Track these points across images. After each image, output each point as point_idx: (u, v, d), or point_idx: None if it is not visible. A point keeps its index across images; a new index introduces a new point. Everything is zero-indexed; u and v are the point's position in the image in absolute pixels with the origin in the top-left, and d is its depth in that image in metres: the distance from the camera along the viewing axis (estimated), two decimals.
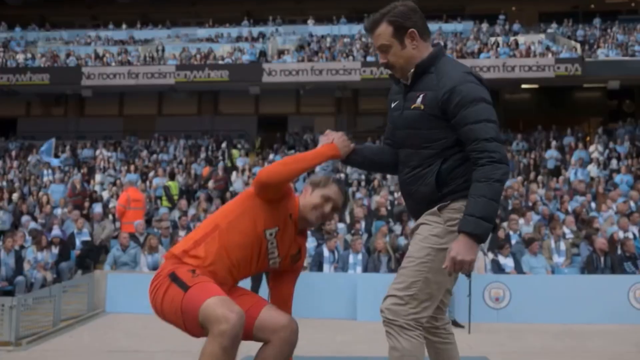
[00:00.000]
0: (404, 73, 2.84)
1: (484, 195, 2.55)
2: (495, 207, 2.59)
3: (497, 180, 2.56)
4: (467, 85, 2.67)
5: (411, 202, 2.89)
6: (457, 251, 2.56)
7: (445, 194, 2.71)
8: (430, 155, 2.73)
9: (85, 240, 12.00)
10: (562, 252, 10.39)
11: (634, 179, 16.11)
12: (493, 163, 2.57)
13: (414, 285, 2.68)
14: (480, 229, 2.56)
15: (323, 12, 28.59)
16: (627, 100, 26.64)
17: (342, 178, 12.91)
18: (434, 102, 2.70)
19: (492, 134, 2.62)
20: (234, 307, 2.63)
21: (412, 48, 2.78)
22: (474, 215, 2.55)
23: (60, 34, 28.41)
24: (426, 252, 2.70)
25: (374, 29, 2.82)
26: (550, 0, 28.85)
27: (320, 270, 9.88)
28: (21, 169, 20.26)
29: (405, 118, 2.82)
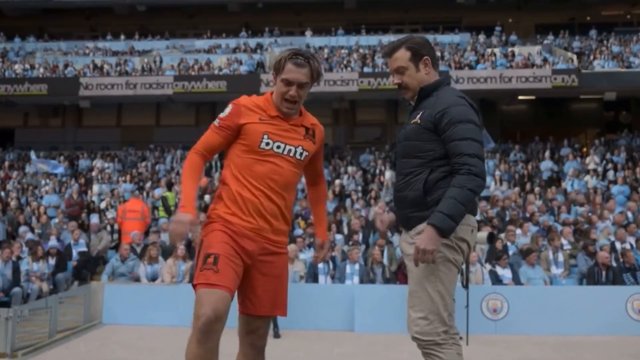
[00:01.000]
0: (413, 93, 3.19)
1: (455, 197, 2.86)
2: (462, 211, 2.88)
3: (469, 189, 2.87)
4: (458, 107, 3.00)
5: (399, 208, 3.18)
6: (421, 241, 2.87)
7: (428, 202, 2.98)
8: (420, 164, 3.04)
9: (82, 251, 11.96)
10: (560, 264, 10.38)
11: (630, 189, 16.15)
12: (470, 174, 2.88)
13: (432, 303, 2.95)
14: (445, 225, 2.85)
15: (320, 24, 28.73)
16: (623, 111, 26.76)
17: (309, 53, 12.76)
18: (428, 118, 3.03)
19: (475, 151, 2.92)
20: (213, 304, 2.77)
21: (425, 73, 3.15)
22: (442, 212, 2.85)
23: (58, 45, 28.50)
24: (431, 270, 2.96)
25: (393, 53, 3.17)
26: (546, 12, 29.03)
27: (315, 282, 9.85)
28: (19, 180, 20.23)
29: (406, 132, 3.18)
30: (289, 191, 3.13)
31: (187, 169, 3.12)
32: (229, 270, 2.88)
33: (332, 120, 26.44)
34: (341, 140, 25.35)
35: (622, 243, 10.92)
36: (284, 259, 3.20)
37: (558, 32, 26.56)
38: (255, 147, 3.04)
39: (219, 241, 2.95)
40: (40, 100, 24.67)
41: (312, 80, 3.11)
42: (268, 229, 3.06)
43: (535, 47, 24.89)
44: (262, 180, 3.02)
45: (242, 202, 3.03)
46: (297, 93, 3.06)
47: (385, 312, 8.91)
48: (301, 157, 3.12)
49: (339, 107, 25.30)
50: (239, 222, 3.02)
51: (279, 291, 3.18)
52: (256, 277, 3.07)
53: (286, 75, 3.04)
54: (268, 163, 3.03)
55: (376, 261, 10.04)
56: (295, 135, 3.12)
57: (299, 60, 3.05)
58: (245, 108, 3.10)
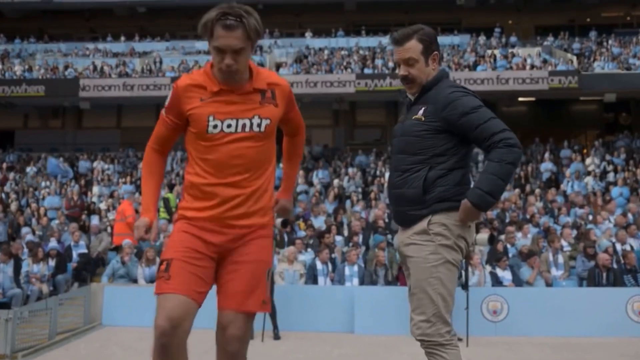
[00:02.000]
0: (419, 88, 3.13)
1: (494, 173, 2.85)
2: (502, 186, 2.89)
3: (509, 162, 2.85)
4: (464, 98, 2.98)
5: (395, 205, 3.13)
6: (460, 215, 2.93)
7: (426, 200, 2.97)
8: (419, 161, 3.00)
9: (82, 253, 11.96)
10: (560, 265, 10.37)
11: (630, 191, 16.16)
12: (508, 147, 2.85)
13: (433, 305, 2.93)
14: (484, 202, 2.88)
15: (320, 25, 28.75)
16: (623, 113, 26.76)
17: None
18: (434, 114, 3.00)
19: (503, 125, 2.91)
20: (167, 313, 2.54)
21: (432, 68, 3.12)
22: (482, 190, 2.86)
23: (58, 46, 28.50)
24: (430, 272, 2.95)
25: (405, 42, 3.08)
26: (546, 14, 29.04)
27: (315, 283, 9.85)
28: (18, 181, 20.24)
29: (405, 127, 3.12)
30: (259, 168, 2.73)
31: (144, 168, 2.91)
32: (183, 273, 2.61)
33: (332, 122, 26.44)
34: (341, 142, 25.35)
35: (623, 244, 10.93)
36: (261, 243, 2.77)
37: (558, 34, 26.57)
38: (203, 133, 2.65)
39: (174, 244, 2.70)
40: (40, 102, 24.66)
41: (250, 41, 2.60)
42: (235, 216, 2.70)
43: (535, 48, 24.90)
44: (219, 168, 2.66)
45: (201, 194, 2.71)
46: (234, 60, 2.59)
47: (385, 313, 8.91)
48: (260, 127, 2.69)
49: (338, 109, 25.30)
50: (200, 215, 2.70)
51: (254, 281, 2.72)
52: (227, 268, 2.73)
53: (216, 42, 2.58)
54: (222, 146, 2.65)
55: (380, 263, 10.04)
56: (248, 105, 2.68)
57: (229, 21, 2.55)
58: (184, 91, 2.69)
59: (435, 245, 2.96)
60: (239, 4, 2.67)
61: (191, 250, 2.66)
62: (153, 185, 2.88)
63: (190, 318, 2.61)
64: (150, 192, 2.86)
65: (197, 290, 2.63)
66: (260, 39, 2.82)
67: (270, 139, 2.77)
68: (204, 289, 2.68)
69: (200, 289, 2.65)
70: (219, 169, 2.67)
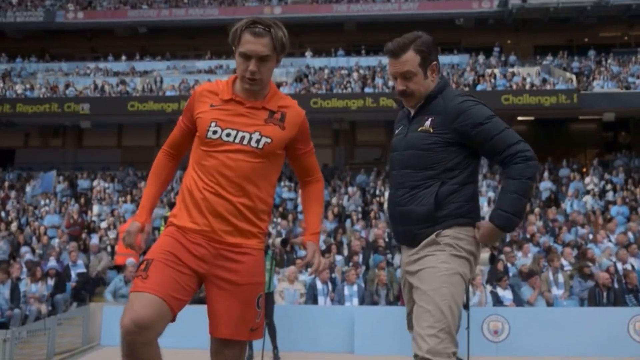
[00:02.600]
0: (416, 102, 2.95)
1: (516, 192, 2.73)
2: (525, 203, 2.77)
3: (529, 177, 2.73)
4: (475, 107, 2.83)
5: (401, 224, 2.91)
6: (481, 233, 2.81)
7: (438, 217, 2.79)
8: (429, 177, 2.82)
9: (81, 272, 11.91)
10: (561, 284, 10.33)
11: (629, 210, 16.15)
12: (526, 161, 2.74)
13: (443, 319, 2.69)
14: (510, 224, 2.77)
15: (320, 45, 28.95)
16: (622, 131, 26.84)
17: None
18: (443, 125, 2.83)
19: (518, 137, 2.80)
20: (134, 312, 2.43)
21: (432, 80, 2.93)
22: (507, 212, 2.75)
23: (59, 66, 28.67)
24: (441, 283, 2.73)
25: (401, 54, 2.89)
26: (544, 34, 29.25)
27: (315, 303, 9.80)
28: (19, 200, 20.23)
29: (408, 140, 2.91)
30: (252, 185, 2.65)
31: (151, 170, 2.89)
32: (160, 273, 2.52)
33: (332, 141, 26.51)
34: (341, 161, 25.39)
35: (624, 264, 10.89)
36: (249, 266, 2.66)
37: (557, 53, 26.75)
38: (203, 137, 2.65)
39: (158, 246, 2.63)
40: (41, 121, 24.73)
41: (275, 52, 2.64)
42: (223, 231, 2.62)
43: (534, 68, 25.04)
44: (211, 175, 2.62)
45: (191, 201, 2.65)
46: (258, 68, 2.60)
47: (385, 333, 8.84)
48: (259, 144, 2.63)
49: (338, 128, 25.38)
50: (188, 225, 2.64)
51: (243, 307, 2.64)
52: (213, 290, 2.64)
53: (242, 48, 2.60)
54: (218, 154, 2.62)
55: (381, 283, 10.00)
56: (252, 120, 2.66)
57: (258, 29, 2.60)
58: (199, 96, 2.73)
59: (446, 254, 2.76)
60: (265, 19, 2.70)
61: (173, 255, 2.59)
62: (155, 188, 2.86)
63: (161, 321, 2.49)
64: (149, 195, 2.84)
65: (174, 295, 2.52)
66: (285, 54, 2.74)
67: (269, 159, 2.70)
68: (182, 297, 2.56)
69: (178, 294, 2.54)
70: (212, 177, 2.63)
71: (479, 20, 28.78)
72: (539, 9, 27.52)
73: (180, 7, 30.65)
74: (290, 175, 21.69)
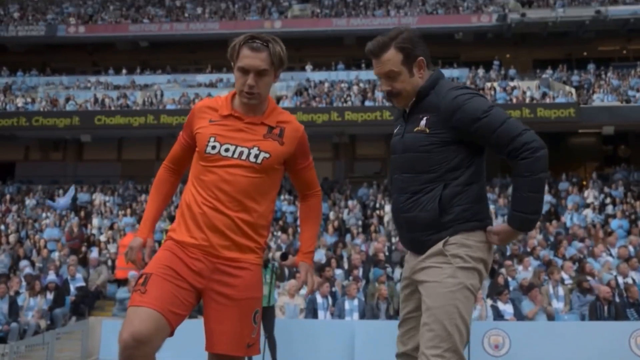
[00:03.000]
0: (407, 101, 2.79)
1: (529, 190, 2.56)
2: (541, 198, 2.60)
3: (540, 171, 2.55)
4: (472, 100, 2.64)
5: (407, 231, 2.77)
6: (499, 238, 2.67)
7: (444, 223, 2.64)
8: (431, 180, 2.66)
9: (80, 286, 11.89)
10: (561, 297, 10.30)
11: (629, 223, 16.14)
12: (533, 154, 2.54)
13: (449, 338, 2.57)
14: (529, 223, 2.63)
15: (320, 60, 29.07)
16: (622, 145, 26.89)
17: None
18: (439, 124, 2.66)
19: (521, 126, 2.60)
20: (133, 327, 2.43)
21: (420, 77, 2.75)
22: (523, 212, 2.58)
23: (60, 79, 28.76)
24: (447, 299, 2.58)
25: (382, 53, 2.73)
26: (543, 48, 29.38)
27: (315, 317, 9.76)
28: (19, 213, 20.23)
29: (406, 142, 2.75)
30: (251, 200, 2.65)
31: (153, 186, 2.91)
32: (158, 288, 2.52)
33: (332, 155, 26.54)
34: (341, 174, 25.41)
35: (625, 278, 10.86)
36: (246, 281, 2.66)
37: (556, 67, 26.85)
38: (202, 151, 2.67)
39: (157, 260, 2.63)
40: (42, 134, 24.78)
41: (273, 67, 2.68)
42: (220, 245, 2.62)
43: (534, 81, 25.13)
44: (209, 190, 2.63)
45: (190, 216, 2.67)
46: (256, 82, 2.63)
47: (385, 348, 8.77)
48: (257, 159, 2.64)
49: (338, 142, 25.42)
50: (186, 239, 2.65)
51: (240, 323, 2.63)
52: (210, 305, 2.63)
53: (241, 63, 2.63)
54: (217, 169, 2.63)
55: (382, 297, 9.97)
56: (251, 135, 2.67)
57: (256, 44, 2.63)
58: (198, 111, 2.76)
59: (453, 268, 2.59)
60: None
61: (172, 270, 2.59)
62: (156, 203, 2.88)
63: (159, 336, 2.48)
64: (151, 210, 2.86)
65: (172, 310, 2.52)
66: (283, 69, 2.77)
67: (268, 174, 2.71)
68: (180, 311, 2.56)
69: (176, 309, 2.54)
70: (210, 192, 2.63)
71: (478, 35, 28.91)
72: (537, 24, 27.67)
73: (181, 21, 30.81)
74: (290, 189, 21.71)
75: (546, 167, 2.57)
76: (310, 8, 31.88)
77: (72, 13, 33.05)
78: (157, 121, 22.86)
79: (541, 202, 2.60)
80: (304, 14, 31.09)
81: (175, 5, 33.60)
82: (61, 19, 32.16)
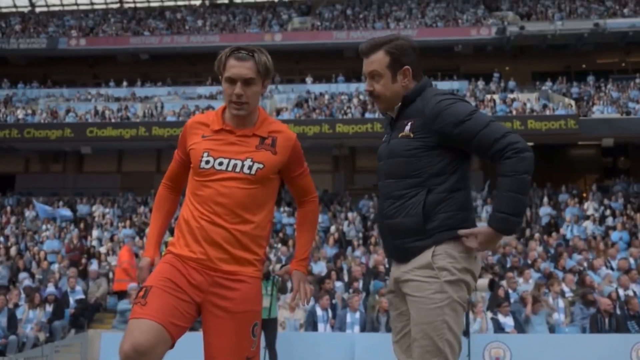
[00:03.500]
0: (387, 105, 2.82)
1: (512, 190, 2.51)
2: (525, 201, 2.55)
3: (524, 172, 2.51)
4: (455, 105, 2.64)
5: (391, 238, 2.73)
6: (479, 241, 2.58)
7: (429, 230, 2.61)
8: (414, 185, 2.64)
9: (80, 299, 11.84)
10: (561, 309, 10.27)
11: (629, 235, 16.12)
12: (518, 154, 2.51)
13: (440, 354, 2.55)
14: (510, 225, 2.55)
15: (320, 72, 29.17)
16: (621, 157, 26.91)
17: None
18: (423, 129, 2.65)
19: (504, 129, 2.58)
20: (134, 339, 2.43)
21: (402, 85, 2.76)
22: (505, 212, 2.52)
23: (61, 92, 28.84)
24: (435, 315, 2.55)
25: (371, 53, 2.77)
26: (542, 60, 29.48)
27: (315, 330, 9.72)
28: (18, 225, 20.20)
29: (391, 147, 2.75)
30: (248, 212, 2.67)
31: (154, 205, 2.96)
32: (159, 300, 2.54)
33: (332, 167, 26.56)
34: (341, 187, 25.41)
35: (626, 290, 10.83)
36: (245, 294, 2.66)
37: (555, 79, 26.93)
38: (197, 167, 2.70)
39: (157, 273, 2.65)
40: (42, 147, 24.80)
41: (260, 75, 2.71)
42: (219, 259, 2.63)
43: (533, 94, 25.19)
44: (206, 204, 2.65)
45: (187, 230, 2.69)
46: (244, 91, 2.67)
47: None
48: (251, 170, 2.67)
49: (338, 154, 25.44)
50: (185, 253, 2.67)
51: (238, 336, 2.63)
52: (209, 318, 2.64)
53: (228, 73, 2.68)
54: (212, 183, 2.65)
55: (382, 309, 9.93)
56: (244, 147, 2.70)
57: (241, 54, 2.69)
58: (190, 128, 2.80)
59: (439, 282, 2.56)
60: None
61: (171, 282, 2.60)
62: (159, 221, 2.91)
63: (160, 347, 2.48)
64: (154, 229, 2.90)
65: (173, 322, 2.53)
66: (270, 79, 2.80)
67: (264, 185, 2.72)
68: (181, 323, 2.57)
69: (177, 321, 2.55)
70: (207, 206, 2.65)
71: (478, 47, 29.04)
72: (536, 36, 27.77)
73: (182, 34, 30.94)
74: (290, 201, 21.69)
75: (531, 169, 2.54)
76: (311, 21, 32.03)
77: (74, 26, 33.21)
78: (158, 133, 22.85)
79: (524, 204, 2.56)
80: (304, 27, 31.22)
81: (176, 18, 33.76)
82: (62, 32, 32.30)
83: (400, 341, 2.80)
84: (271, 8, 34.98)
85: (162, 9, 35.91)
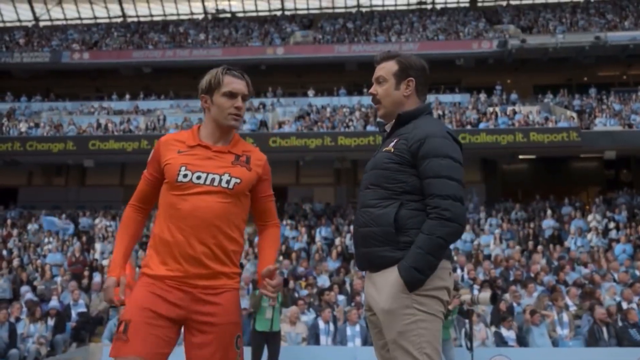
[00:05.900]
0: (386, 113, 2.90)
1: (422, 247, 2.54)
2: (431, 261, 2.55)
3: (439, 236, 2.54)
4: (437, 139, 2.67)
5: (363, 246, 2.75)
6: (384, 301, 2.59)
7: (401, 242, 2.62)
8: (387, 196, 2.68)
9: (82, 312, 11.82)
10: (565, 324, 10.22)
11: (633, 247, 16.07)
12: (441, 220, 2.55)
13: None
14: (412, 278, 2.55)
15: (322, 85, 29.25)
16: (624, 169, 26.90)
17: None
18: (404, 147, 2.70)
19: (449, 191, 2.58)
20: None
21: (404, 95, 2.85)
22: (408, 263, 2.55)
23: (64, 105, 28.95)
24: (410, 329, 2.56)
25: (383, 61, 2.91)
26: (543, 73, 29.57)
27: (317, 344, 9.68)
28: (20, 238, 20.20)
29: (375, 160, 2.83)
30: (225, 225, 2.68)
31: (120, 226, 2.91)
32: (141, 335, 2.55)
33: (334, 180, 26.56)
34: (343, 200, 25.40)
35: (629, 303, 10.79)
36: (224, 308, 2.68)
37: (557, 92, 26.98)
38: (173, 181, 2.70)
39: (134, 303, 2.63)
40: (44, 160, 24.86)
41: (248, 96, 2.88)
42: (197, 274, 2.63)
43: (535, 106, 25.22)
44: (183, 219, 2.64)
45: (163, 247, 2.67)
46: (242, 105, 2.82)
47: None
48: (229, 185, 2.70)
49: (340, 167, 25.45)
50: (161, 273, 2.65)
51: (223, 350, 2.65)
52: (192, 333, 2.66)
53: (229, 87, 2.78)
54: (189, 197, 2.66)
55: None
56: (220, 162, 2.75)
57: (237, 72, 2.84)
58: (165, 144, 2.81)
59: (411, 298, 2.57)
60: (240, 67, 2.86)
61: (150, 311, 2.60)
62: (125, 241, 2.85)
63: None
64: (120, 250, 2.83)
65: (158, 352, 2.57)
66: (247, 100, 2.89)
67: (240, 200, 2.76)
68: (165, 350, 2.60)
69: (161, 349, 2.58)
70: (185, 221, 2.65)
71: (479, 60, 29.12)
72: (538, 49, 27.87)
73: (184, 47, 31.11)
74: (293, 214, 21.71)
75: (450, 238, 2.56)
76: (312, 34, 32.19)
77: (77, 39, 33.42)
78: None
79: (431, 264, 2.56)
80: (306, 41, 31.36)
81: (178, 32, 33.95)
82: (66, 45, 32.49)
83: (385, 356, 2.80)
84: (273, 22, 35.19)
85: (164, 23, 36.13)
